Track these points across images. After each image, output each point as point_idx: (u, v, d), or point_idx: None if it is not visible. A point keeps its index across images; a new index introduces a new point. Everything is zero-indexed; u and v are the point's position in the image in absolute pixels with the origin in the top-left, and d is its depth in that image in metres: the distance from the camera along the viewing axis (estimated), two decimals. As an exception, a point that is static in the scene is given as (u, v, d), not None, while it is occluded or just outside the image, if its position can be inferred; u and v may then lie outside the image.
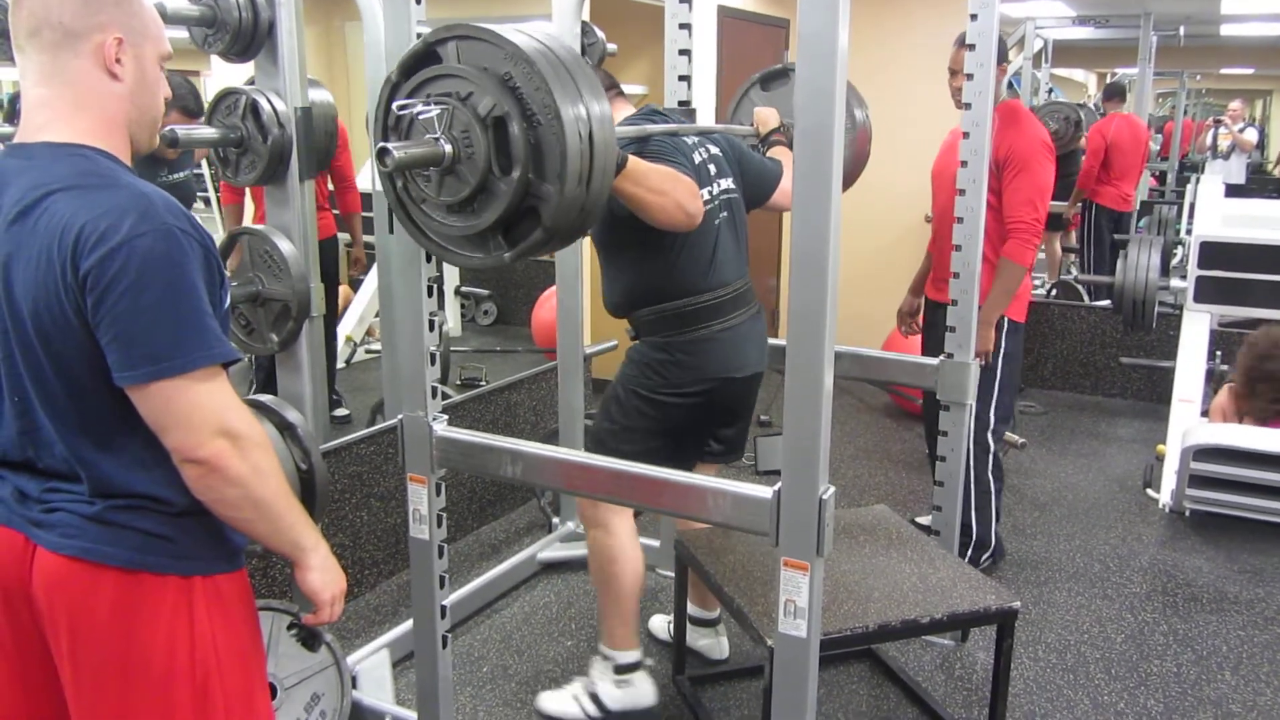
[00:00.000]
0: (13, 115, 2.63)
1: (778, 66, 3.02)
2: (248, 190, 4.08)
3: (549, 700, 2.60)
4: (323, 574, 1.49)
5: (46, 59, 1.32)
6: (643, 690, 2.53)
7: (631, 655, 2.53)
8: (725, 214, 2.39)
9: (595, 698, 2.52)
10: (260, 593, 2.78)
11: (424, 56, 1.64)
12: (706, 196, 2.30)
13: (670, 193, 2.06)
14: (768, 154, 2.72)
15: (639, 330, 2.43)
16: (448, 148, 1.58)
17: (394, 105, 1.64)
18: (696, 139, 2.40)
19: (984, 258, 3.09)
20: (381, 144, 1.53)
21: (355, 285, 5.03)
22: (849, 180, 2.91)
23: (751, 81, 3.01)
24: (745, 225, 2.49)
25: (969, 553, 3.30)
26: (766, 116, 2.80)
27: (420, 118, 1.60)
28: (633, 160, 1.99)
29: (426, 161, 1.59)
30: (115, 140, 1.37)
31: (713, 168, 2.38)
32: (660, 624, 3.02)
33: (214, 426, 1.30)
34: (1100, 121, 6.72)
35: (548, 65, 1.53)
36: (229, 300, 1.44)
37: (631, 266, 2.37)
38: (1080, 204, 6.60)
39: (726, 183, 2.42)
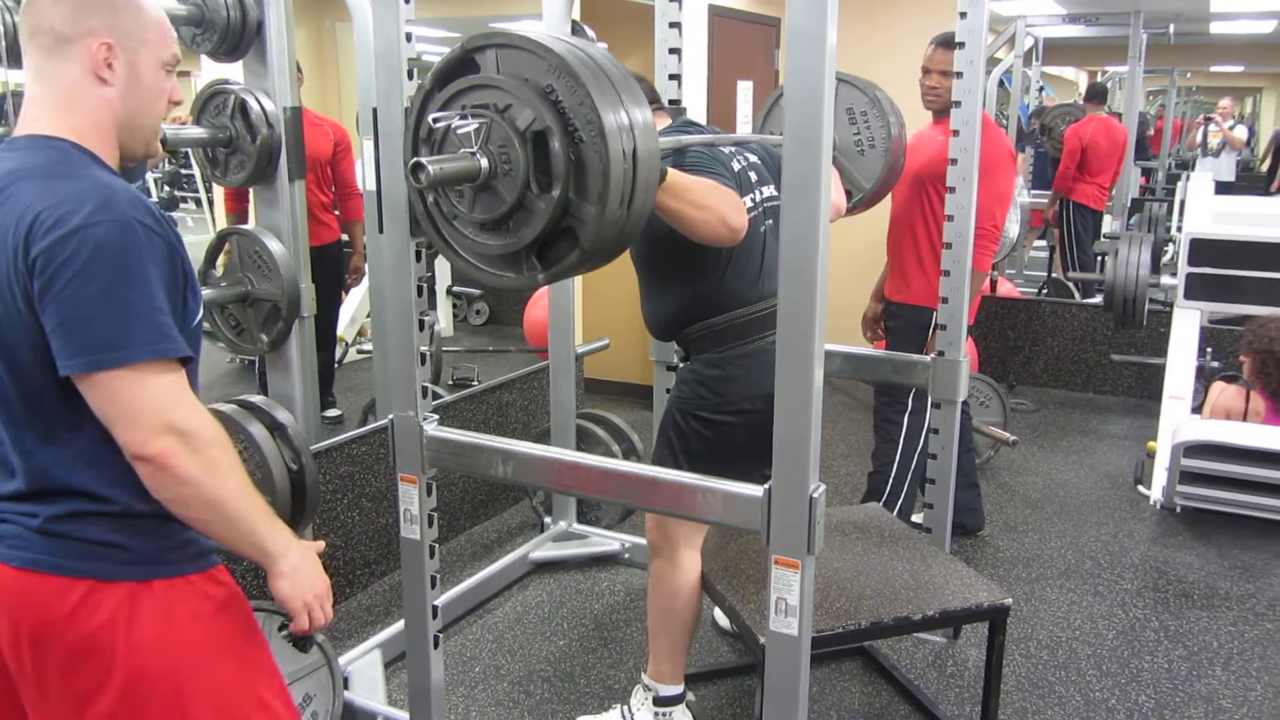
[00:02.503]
0: (1, 117, 2.62)
1: None
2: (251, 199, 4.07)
3: None
4: (291, 581, 1.42)
5: (41, 60, 1.35)
6: None
7: (674, 689, 2.44)
8: (770, 221, 2.28)
9: None
10: (251, 594, 2.78)
11: (461, 65, 1.57)
12: (749, 204, 2.21)
13: (713, 206, 1.95)
14: None
15: (689, 349, 2.33)
16: (485, 163, 1.50)
17: (429, 117, 1.56)
18: (733, 148, 2.32)
19: (936, 253, 3.14)
20: (416, 159, 1.46)
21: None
22: (880, 193, 2.90)
23: (779, 91, 2.99)
24: None
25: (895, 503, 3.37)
26: None
27: (458, 131, 1.52)
28: (672, 173, 1.89)
29: (463, 178, 1.51)
30: (101, 142, 1.38)
31: (753, 175, 2.31)
32: (724, 616, 2.99)
33: (160, 422, 1.26)
34: (1078, 123, 6.79)
35: (592, 77, 1.44)
36: (200, 305, 1.41)
37: (677, 284, 2.28)
38: (1058, 203, 6.69)
39: (769, 190, 2.32)
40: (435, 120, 1.55)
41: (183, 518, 1.34)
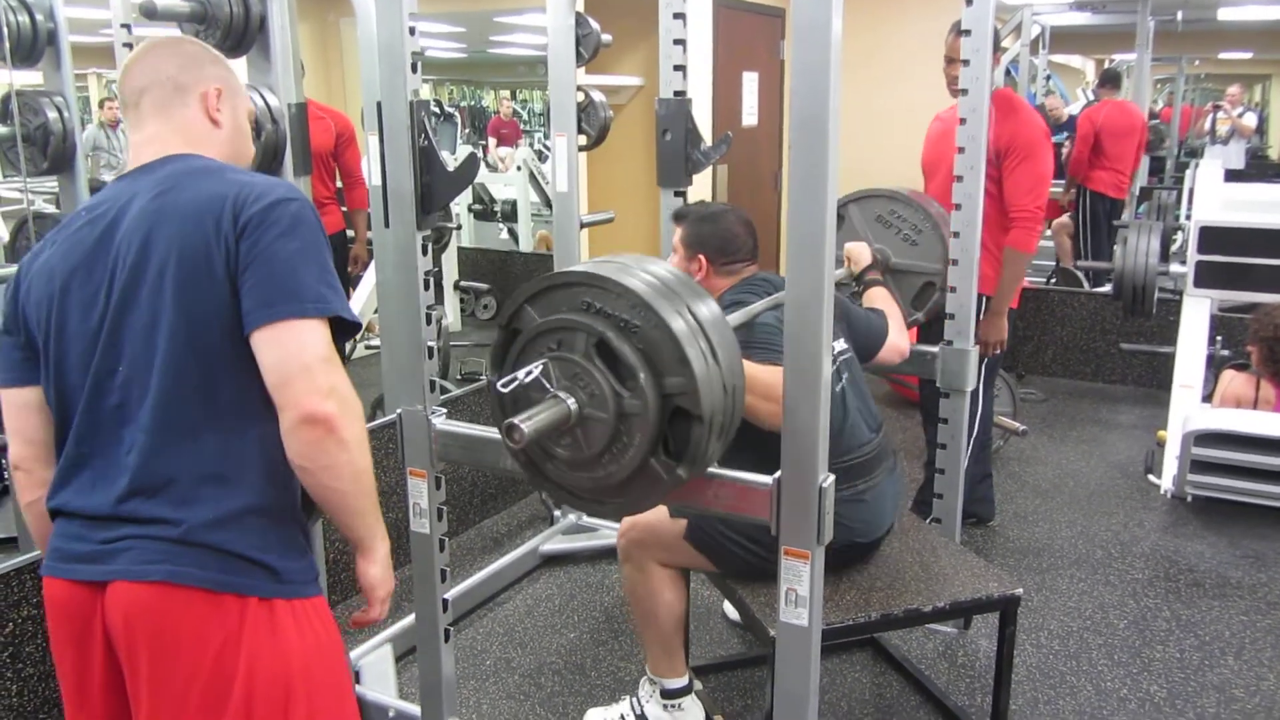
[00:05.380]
0: (5, 115, 2.62)
1: (859, 193, 2.92)
2: None
3: (597, 718, 2.56)
4: (384, 569, 1.52)
5: (156, 110, 1.48)
6: (692, 716, 2.46)
7: (679, 681, 2.44)
8: (846, 375, 2.23)
9: (643, 719, 2.48)
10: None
11: (508, 339, 1.57)
12: None
13: (781, 399, 1.89)
14: (864, 296, 2.61)
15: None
16: (572, 402, 1.48)
17: (498, 386, 1.55)
18: None
19: (983, 246, 3.09)
20: (508, 420, 1.44)
21: (354, 282, 5.02)
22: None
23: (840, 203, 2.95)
24: (864, 381, 2.32)
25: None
26: (858, 253, 2.68)
27: (527, 379, 1.51)
28: (746, 366, 1.81)
29: (558, 422, 1.48)
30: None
31: None
32: (733, 608, 2.98)
33: (329, 384, 1.33)
34: (1091, 108, 6.72)
35: (615, 269, 1.47)
36: None
37: (753, 447, 2.11)
38: (1075, 190, 6.61)
39: (839, 345, 2.25)
40: (504, 385, 1.54)
41: (323, 490, 1.38)
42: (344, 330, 1.40)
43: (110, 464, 1.37)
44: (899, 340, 2.55)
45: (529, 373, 1.50)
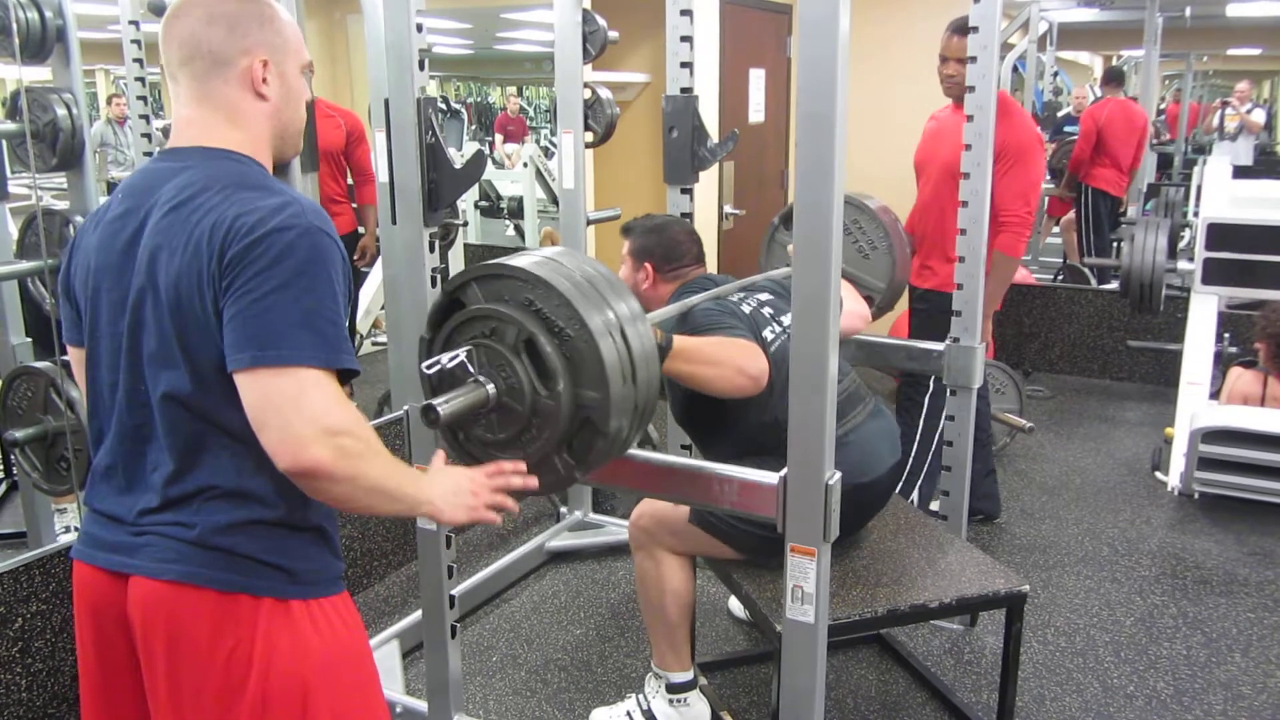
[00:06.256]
0: (14, 112, 2.63)
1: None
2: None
3: (603, 716, 2.56)
4: (452, 510, 1.45)
5: (198, 85, 1.39)
6: (697, 710, 2.47)
7: (684, 676, 2.46)
8: None
9: (649, 715, 2.48)
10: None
11: (448, 307, 1.61)
12: (771, 335, 2.22)
13: (726, 360, 1.97)
14: None
15: (765, 456, 2.24)
16: (491, 388, 1.54)
17: (423, 368, 1.59)
18: (741, 294, 2.32)
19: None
20: (426, 402, 1.48)
21: (360, 278, 5.03)
22: (896, 289, 2.88)
23: (775, 224, 2.97)
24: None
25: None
26: None
27: (450, 365, 1.55)
28: (678, 340, 1.91)
29: (476, 407, 1.54)
30: (263, 154, 1.44)
31: (768, 310, 2.31)
32: (739, 605, 2.99)
33: (315, 431, 1.25)
34: (1094, 106, 6.73)
35: (564, 281, 1.51)
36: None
37: (728, 427, 2.25)
38: (1075, 187, 6.64)
39: (788, 319, 2.29)
40: (428, 367, 1.58)
41: (347, 510, 1.37)
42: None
43: (137, 479, 1.39)
44: (856, 306, 2.61)
45: (453, 358, 1.55)
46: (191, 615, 1.34)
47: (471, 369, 1.55)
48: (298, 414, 1.25)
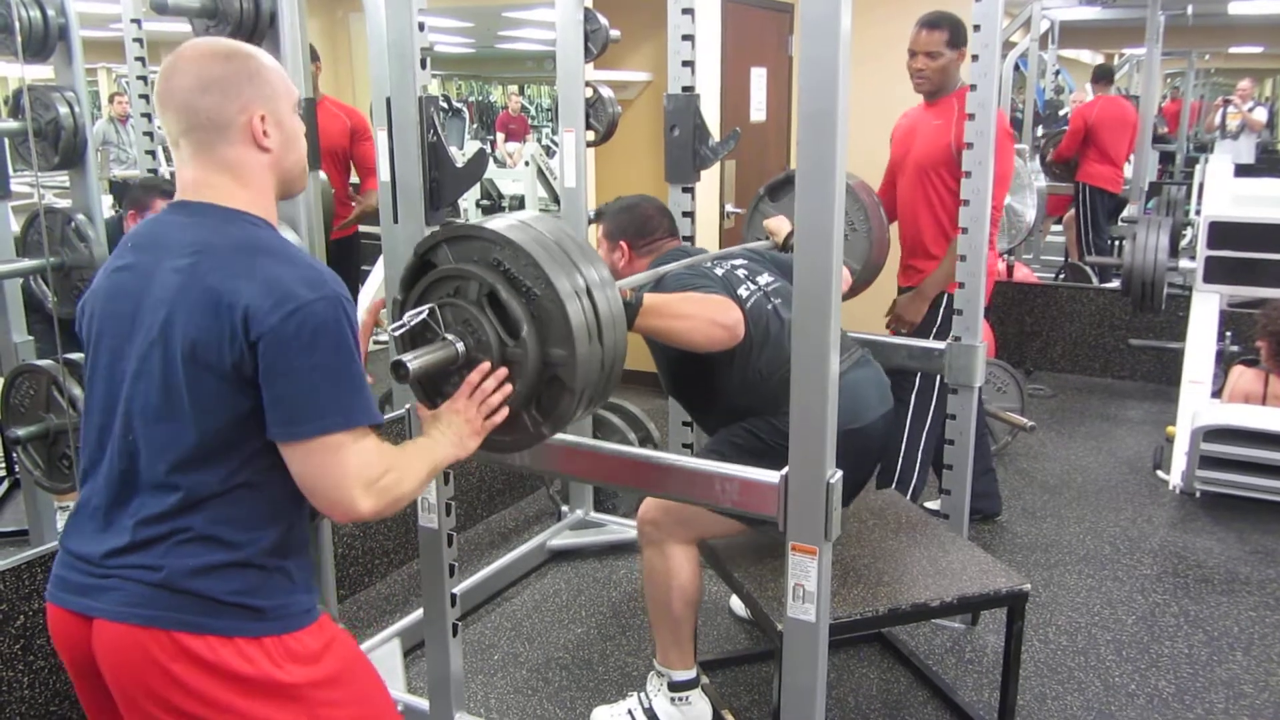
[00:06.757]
0: (17, 110, 2.63)
1: (781, 176, 3.03)
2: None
3: (604, 715, 2.56)
4: (464, 449, 1.58)
5: (202, 151, 1.41)
6: (699, 709, 2.46)
7: (687, 674, 2.45)
8: (778, 300, 2.28)
9: (651, 714, 2.48)
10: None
11: (419, 268, 1.64)
12: (746, 292, 2.23)
13: (698, 313, 2.01)
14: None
15: (758, 415, 2.26)
16: (459, 344, 1.58)
17: (390, 328, 1.63)
18: (715, 261, 2.35)
19: (946, 238, 3.14)
20: (395, 359, 1.53)
21: (361, 278, 5.01)
22: (872, 269, 2.92)
23: (760, 194, 3.01)
24: None
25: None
26: (778, 226, 2.77)
27: (413, 323, 1.59)
28: (649, 296, 1.95)
29: (445, 363, 1.58)
30: (269, 206, 1.46)
31: (742, 272, 2.32)
32: (740, 604, 3.00)
33: (362, 485, 1.36)
34: (1084, 104, 6.78)
35: (530, 242, 1.55)
36: None
37: (718, 389, 2.27)
38: (1073, 187, 6.70)
39: (765, 278, 2.34)
40: (395, 329, 1.61)
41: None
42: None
43: (113, 522, 1.40)
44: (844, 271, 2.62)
45: (416, 314, 1.59)
46: (157, 658, 1.34)
47: (439, 328, 1.58)
48: (344, 477, 1.35)
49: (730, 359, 2.18)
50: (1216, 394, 4.26)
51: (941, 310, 3.25)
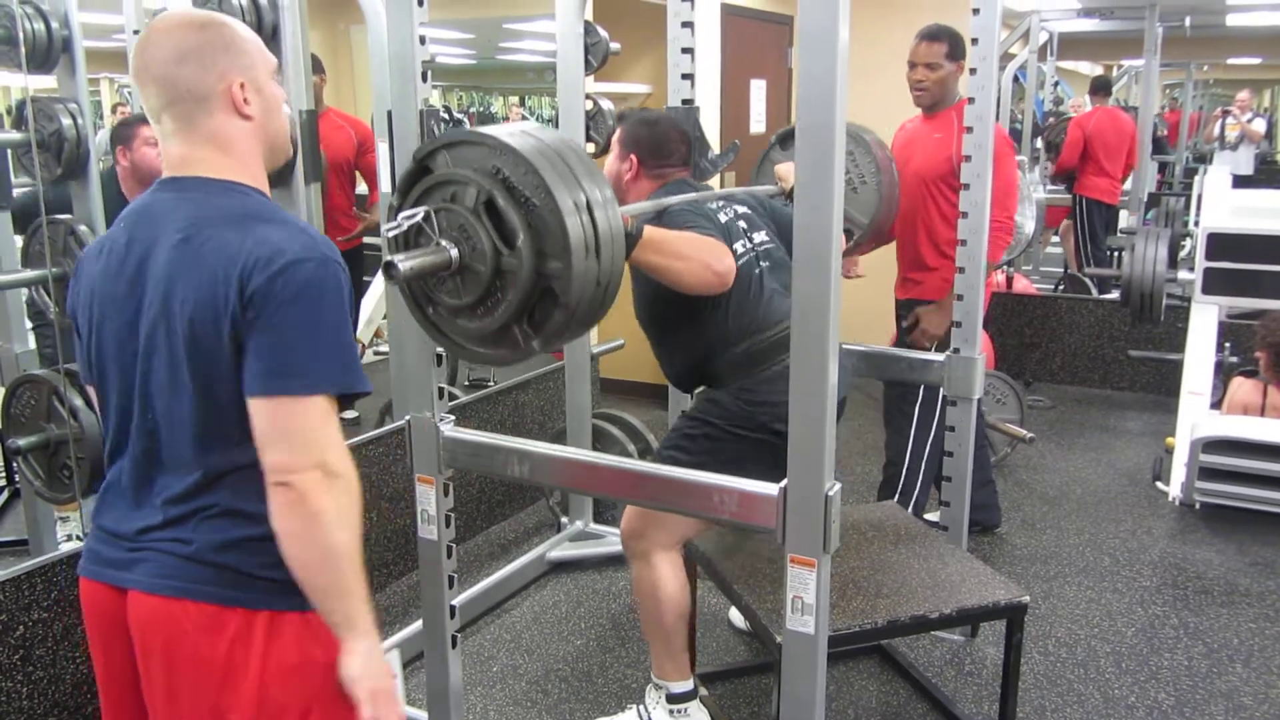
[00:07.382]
0: (20, 122, 2.64)
1: (792, 126, 3.03)
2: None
3: None
4: (365, 663, 1.39)
5: (185, 124, 1.40)
6: None
7: (684, 686, 2.45)
8: (766, 264, 2.31)
9: None
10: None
11: (417, 173, 1.63)
12: (740, 250, 2.25)
13: (694, 255, 2.01)
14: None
15: (717, 383, 2.32)
16: (454, 251, 1.56)
17: (383, 229, 1.62)
18: (720, 202, 2.34)
19: (944, 254, 3.13)
20: (387, 259, 1.51)
21: (361, 288, 5.01)
22: (883, 225, 2.92)
23: (771, 143, 3.02)
24: (788, 269, 2.41)
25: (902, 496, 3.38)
26: (786, 172, 2.77)
27: (407, 225, 1.58)
28: (649, 230, 1.94)
29: (437, 268, 1.56)
30: (257, 174, 1.46)
31: (743, 224, 2.33)
32: (739, 616, 3.00)
33: (316, 455, 1.32)
34: (1082, 115, 6.81)
35: (532, 150, 1.53)
36: None
37: (687, 338, 2.30)
38: (1071, 198, 6.73)
39: (761, 236, 2.36)
40: (389, 230, 1.59)
41: (289, 556, 1.34)
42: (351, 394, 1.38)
43: (142, 501, 1.42)
44: None
45: (410, 217, 1.57)
46: (188, 629, 1.36)
47: (433, 233, 1.57)
48: (305, 436, 1.31)
49: (703, 317, 2.21)
50: (1216, 405, 4.26)
51: None
